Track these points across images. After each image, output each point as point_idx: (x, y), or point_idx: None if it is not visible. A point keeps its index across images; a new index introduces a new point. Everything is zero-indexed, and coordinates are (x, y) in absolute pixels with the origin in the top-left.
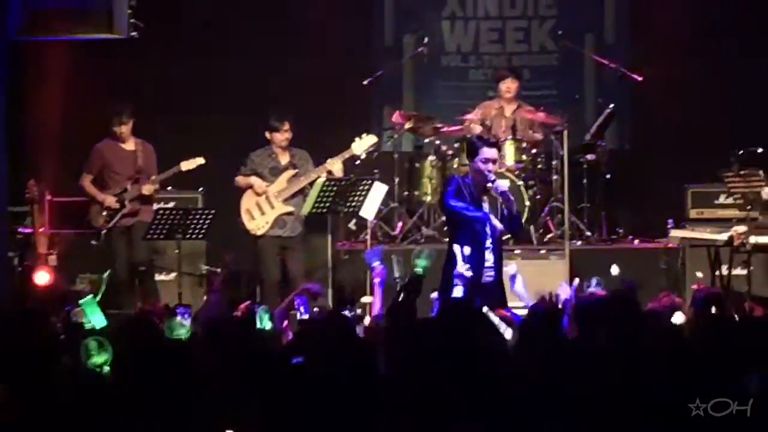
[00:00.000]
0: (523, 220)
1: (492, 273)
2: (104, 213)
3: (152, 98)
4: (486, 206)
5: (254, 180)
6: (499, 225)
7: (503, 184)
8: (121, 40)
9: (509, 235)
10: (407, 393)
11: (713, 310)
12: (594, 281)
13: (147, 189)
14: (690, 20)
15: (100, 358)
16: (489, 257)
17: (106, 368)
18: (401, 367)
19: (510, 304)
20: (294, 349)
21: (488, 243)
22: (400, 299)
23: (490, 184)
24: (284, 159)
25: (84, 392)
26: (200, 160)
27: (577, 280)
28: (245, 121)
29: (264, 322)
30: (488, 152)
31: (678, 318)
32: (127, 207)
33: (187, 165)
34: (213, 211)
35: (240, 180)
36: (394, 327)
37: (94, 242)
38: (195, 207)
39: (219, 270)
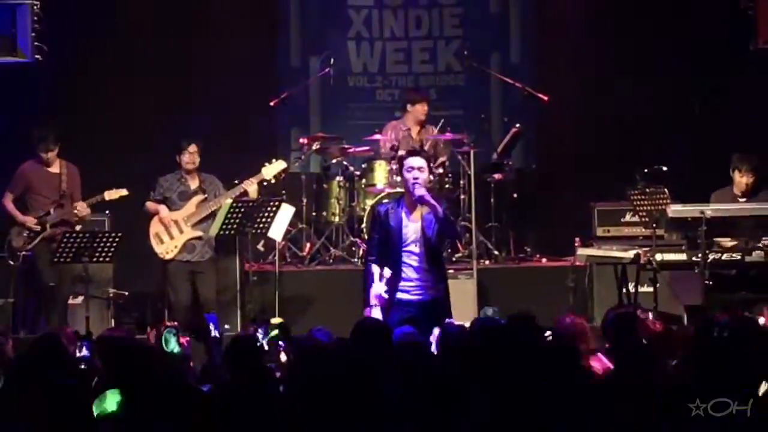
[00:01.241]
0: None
1: (419, 292)
2: (24, 234)
3: (60, 120)
4: (417, 224)
5: (162, 208)
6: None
7: (420, 190)
8: (29, 63)
9: (449, 244)
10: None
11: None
12: (490, 311)
13: (81, 208)
14: (594, 40)
15: None
16: (412, 275)
17: None
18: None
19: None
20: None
21: (413, 262)
22: None
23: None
24: (193, 184)
25: None
26: (124, 192)
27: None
28: (151, 143)
29: (171, 345)
30: (411, 161)
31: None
32: (47, 231)
33: (110, 195)
34: (120, 234)
35: (149, 205)
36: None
37: (12, 262)
38: (102, 230)
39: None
